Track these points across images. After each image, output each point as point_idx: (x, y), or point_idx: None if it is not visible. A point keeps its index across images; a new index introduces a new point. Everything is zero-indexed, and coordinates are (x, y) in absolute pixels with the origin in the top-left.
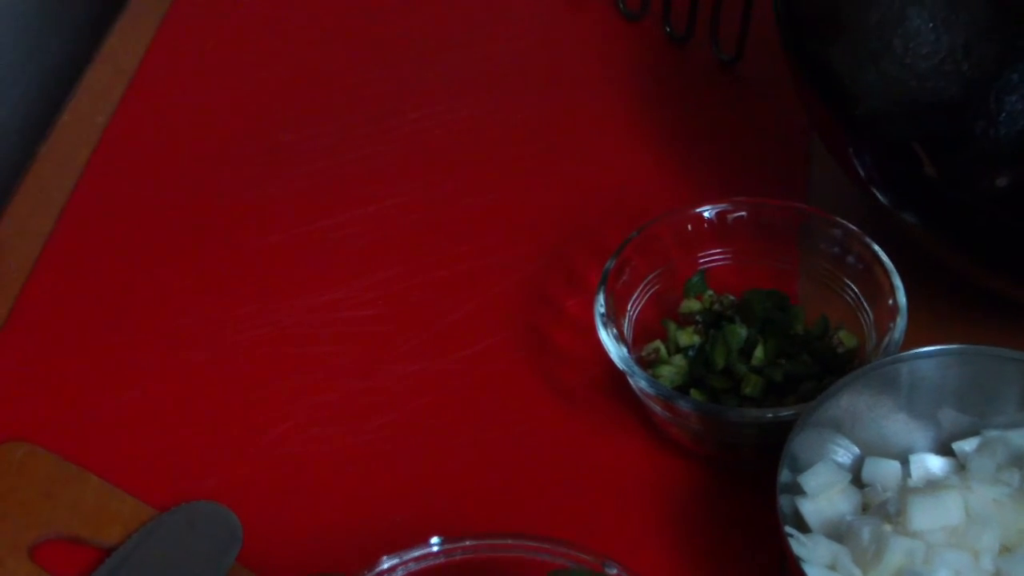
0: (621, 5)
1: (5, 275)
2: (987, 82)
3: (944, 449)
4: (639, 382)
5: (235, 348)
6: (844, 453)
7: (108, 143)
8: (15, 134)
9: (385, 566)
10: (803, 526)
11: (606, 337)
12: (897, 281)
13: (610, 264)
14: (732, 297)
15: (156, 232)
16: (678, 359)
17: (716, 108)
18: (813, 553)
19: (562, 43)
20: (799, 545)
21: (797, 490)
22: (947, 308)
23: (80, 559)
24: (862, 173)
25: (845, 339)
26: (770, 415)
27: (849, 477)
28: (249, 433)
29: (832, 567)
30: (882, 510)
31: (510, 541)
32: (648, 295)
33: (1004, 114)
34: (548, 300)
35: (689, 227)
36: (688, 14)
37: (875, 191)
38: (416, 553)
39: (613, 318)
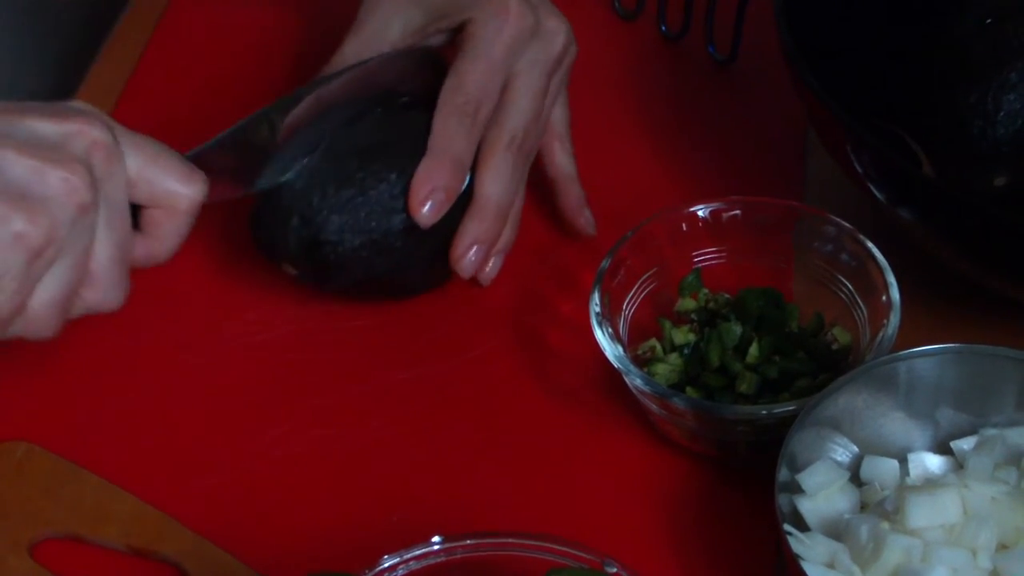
0: (616, 4)
1: None
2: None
3: (942, 448)
4: (635, 380)
5: (236, 348)
6: (842, 452)
7: None
8: None
9: (386, 564)
10: (802, 524)
11: (602, 336)
12: (890, 278)
13: (605, 263)
14: (727, 295)
15: None
16: (673, 357)
17: (711, 107)
18: (812, 551)
19: None
20: (798, 543)
21: (796, 489)
22: (945, 307)
23: (80, 557)
24: (860, 170)
25: (839, 336)
26: (764, 412)
27: (847, 475)
28: (249, 433)
29: (830, 565)
30: (880, 508)
31: (510, 540)
32: (643, 294)
33: (1002, 113)
34: (543, 301)
35: (684, 226)
36: (683, 13)
37: (872, 188)
38: (417, 552)
39: (608, 317)
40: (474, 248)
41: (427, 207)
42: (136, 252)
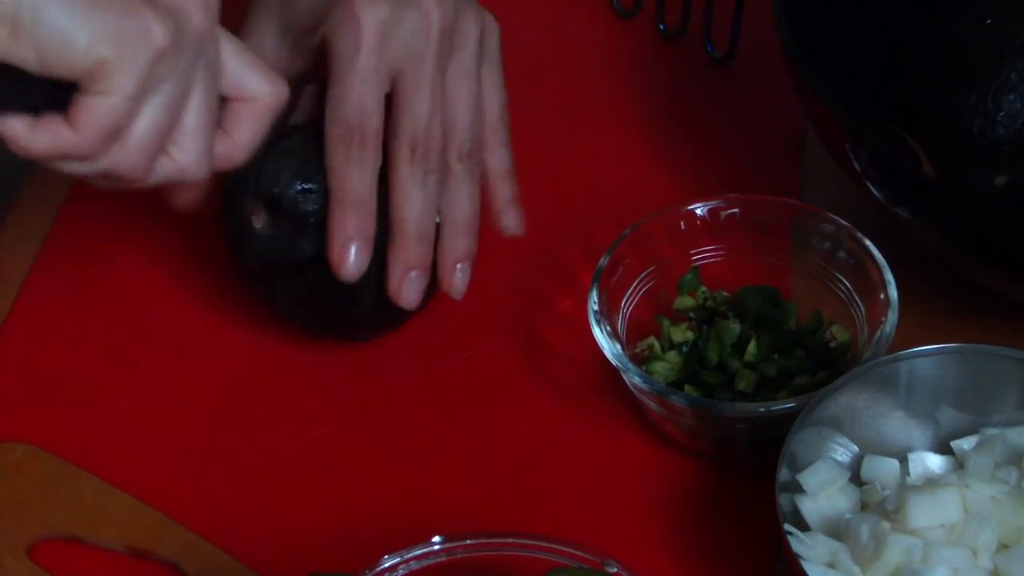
0: (615, 2)
1: (4, 274)
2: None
3: (942, 447)
4: (633, 378)
5: (235, 348)
6: (843, 451)
7: None
8: None
9: (386, 564)
10: (802, 524)
11: (600, 334)
12: (888, 276)
13: (603, 261)
14: (725, 293)
15: (156, 231)
16: (672, 355)
17: (709, 105)
18: (812, 551)
19: (554, 40)
20: (798, 543)
21: (796, 488)
22: (945, 306)
23: (78, 558)
24: (859, 169)
25: (837, 333)
26: (763, 409)
27: (848, 475)
28: (249, 433)
29: (831, 565)
30: (881, 508)
31: (511, 540)
32: (641, 292)
33: (1002, 113)
34: (541, 299)
35: (682, 224)
36: (681, 11)
37: (872, 188)
38: (417, 552)
39: (607, 315)
40: (409, 275)
41: (348, 260)
42: (215, 147)
